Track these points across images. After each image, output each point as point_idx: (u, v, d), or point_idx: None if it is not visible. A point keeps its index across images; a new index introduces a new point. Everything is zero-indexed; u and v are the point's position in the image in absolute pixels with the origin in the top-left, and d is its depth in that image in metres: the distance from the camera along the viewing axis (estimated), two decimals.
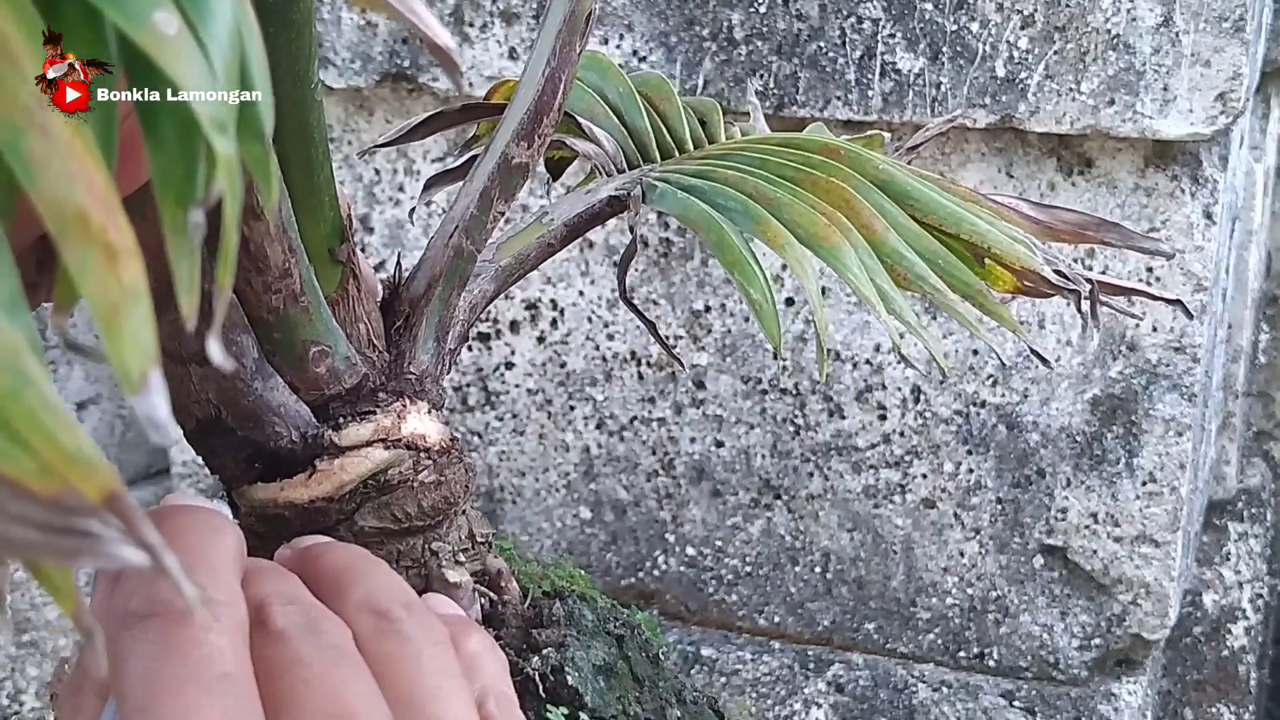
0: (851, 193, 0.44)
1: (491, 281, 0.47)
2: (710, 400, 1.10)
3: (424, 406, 0.42)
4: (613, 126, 0.51)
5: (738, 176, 0.46)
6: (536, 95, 0.43)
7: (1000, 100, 0.98)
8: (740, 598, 1.14)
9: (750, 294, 0.42)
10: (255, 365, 0.39)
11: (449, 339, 0.44)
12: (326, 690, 0.33)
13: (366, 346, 0.42)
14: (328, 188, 0.41)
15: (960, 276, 0.44)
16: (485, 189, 0.44)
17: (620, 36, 1.03)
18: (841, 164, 0.46)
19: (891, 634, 1.11)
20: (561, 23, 0.43)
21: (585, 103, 0.52)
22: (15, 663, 1.26)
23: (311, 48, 0.39)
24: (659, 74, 0.54)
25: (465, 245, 0.43)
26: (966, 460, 1.07)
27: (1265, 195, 1.23)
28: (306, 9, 0.38)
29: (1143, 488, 1.04)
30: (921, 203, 0.46)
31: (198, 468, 1.23)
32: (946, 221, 0.45)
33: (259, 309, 0.39)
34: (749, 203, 0.44)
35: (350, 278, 0.41)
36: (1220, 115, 0.95)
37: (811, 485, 1.10)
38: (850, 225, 0.44)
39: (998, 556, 1.08)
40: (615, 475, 1.13)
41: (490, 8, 1.05)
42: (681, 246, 1.08)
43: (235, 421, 0.39)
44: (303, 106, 0.39)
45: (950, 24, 0.98)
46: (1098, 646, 1.08)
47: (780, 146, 0.47)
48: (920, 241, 0.44)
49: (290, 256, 0.39)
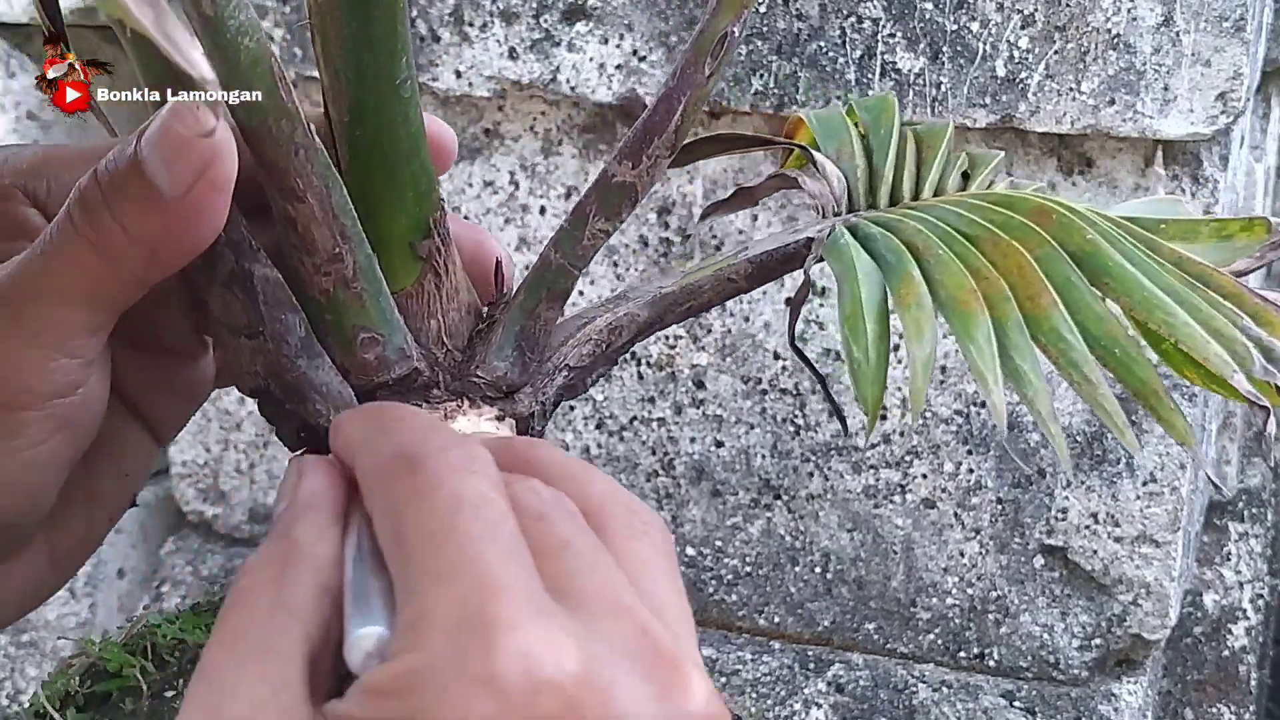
0: (1027, 260, 0.42)
1: (647, 308, 0.45)
2: (710, 400, 1.10)
3: (489, 413, 0.42)
4: (851, 168, 0.49)
5: (916, 229, 0.44)
6: (648, 115, 0.42)
7: (1000, 100, 0.98)
8: (740, 598, 1.13)
9: (852, 353, 0.40)
10: (300, 343, 0.40)
11: (545, 352, 0.43)
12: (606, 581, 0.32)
13: (434, 343, 0.42)
14: (413, 184, 0.41)
15: (1135, 372, 0.41)
16: (581, 204, 0.43)
17: (620, 36, 1.03)
18: (1046, 229, 0.43)
19: (892, 634, 1.11)
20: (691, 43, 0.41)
21: (839, 140, 0.50)
22: (15, 663, 1.26)
23: (396, 44, 0.39)
24: (945, 122, 0.52)
25: (553, 258, 0.43)
26: (967, 460, 1.07)
27: (1266, 195, 1.23)
28: (389, 4, 0.38)
29: (1143, 488, 1.04)
30: (1118, 282, 0.42)
31: (198, 468, 1.23)
32: (1138, 307, 0.42)
33: (310, 289, 0.40)
34: (904, 256, 0.43)
35: (430, 273, 0.42)
36: (1221, 115, 0.95)
37: (811, 485, 1.10)
38: (1010, 295, 0.41)
39: (998, 556, 1.08)
40: (615, 475, 1.13)
41: (490, 7, 1.05)
42: (682, 246, 1.08)
43: (282, 395, 0.40)
44: (385, 101, 0.40)
45: (950, 24, 0.98)
46: (1098, 646, 1.08)
47: (990, 204, 0.45)
48: (1100, 325, 0.41)
49: (342, 243, 0.40)
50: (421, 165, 0.41)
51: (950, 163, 0.50)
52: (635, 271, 1.09)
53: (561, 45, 1.04)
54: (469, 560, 0.30)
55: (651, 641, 0.31)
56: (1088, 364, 0.41)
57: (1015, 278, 0.42)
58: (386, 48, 0.38)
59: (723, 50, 0.41)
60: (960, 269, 0.42)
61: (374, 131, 0.40)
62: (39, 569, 0.42)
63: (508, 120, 1.09)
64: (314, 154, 0.38)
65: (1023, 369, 0.40)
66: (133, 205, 0.36)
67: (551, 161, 1.09)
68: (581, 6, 1.04)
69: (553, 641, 0.29)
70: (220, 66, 0.36)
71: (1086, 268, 0.42)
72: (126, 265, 0.37)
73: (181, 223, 0.37)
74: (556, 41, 1.04)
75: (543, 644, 0.29)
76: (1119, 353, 0.41)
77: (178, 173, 0.36)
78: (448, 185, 1.12)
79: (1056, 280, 0.42)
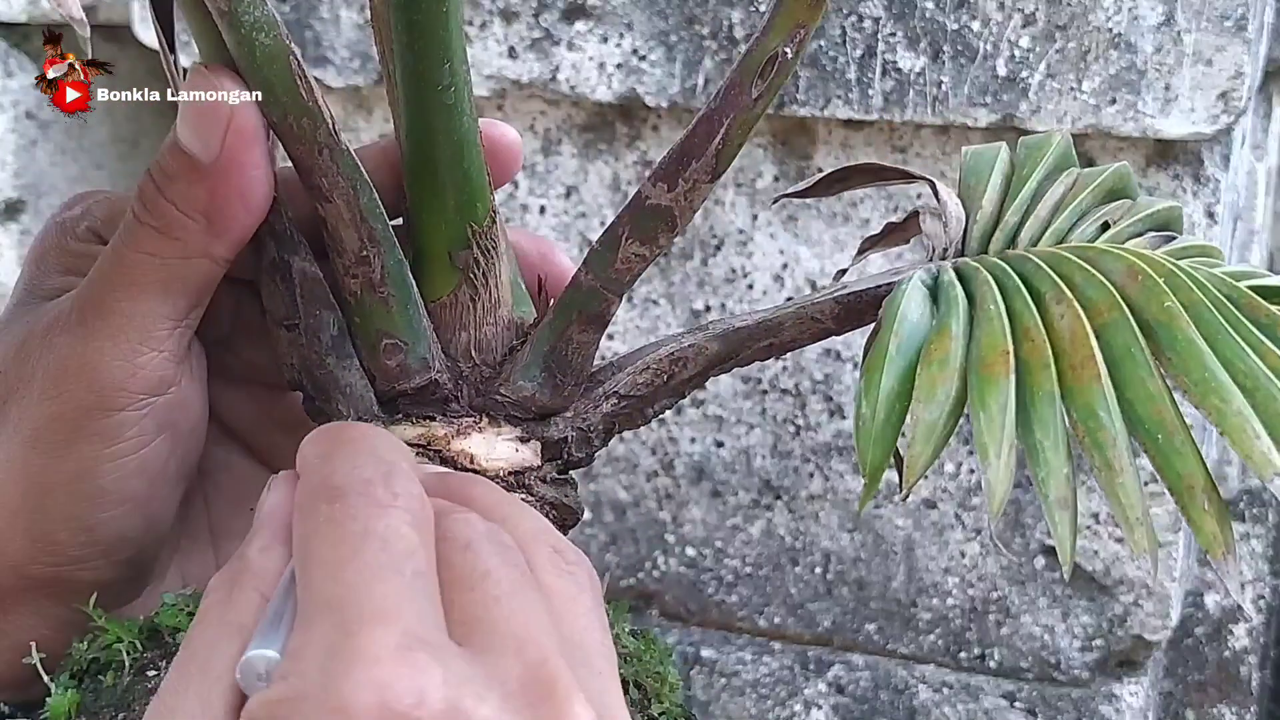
0: (1082, 325, 0.38)
1: (717, 341, 0.43)
2: (710, 400, 1.10)
3: (510, 432, 0.41)
4: (976, 208, 0.45)
5: (985, 278, 0.40)
6: (686, 137, 0.40)
7: (1001, 99, 0.97)
8: (740, 598, 1.13)
9: (860, 406, 0.38)
10: (332, 341, 0.40)
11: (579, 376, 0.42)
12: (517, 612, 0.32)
13: (462, 356, 0.42)
14: (455, 193, 0.40)
15: (1175, 464, 0.37)
16: (614, 225, 0.41)
17: (620, 35, 1.03)
18: (1128, 291, 0.39)
19: (892, 635, 1.11)
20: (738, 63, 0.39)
21: (977, 177, 0.46)
22: None
23: (439, 50, 0.39)
24: (1125, 166, 0.48)
25: (584, 279, 0.41)
26: (967, 461, 1.06)
27: (1268, 195, 1.23)
28: (432, 11, 0.38)
29: (1145, 488, 1.04)
30: (1180, 358, 0.38)
31: None
32: (1194, 389, 0.38)
33: (341, 290, 0.40)
34: (954, 308, 0.39)
35: (465, 284, 0.41)
36: (1222, 114, 0.94)
37: (812, 486, 1.09)
38: (1051, 362, 0.38)
39: (999, 557, 1.08)
40: (615, 475, 1.13)
41: (490, 6, 1.05)
42: (681, 246, 1.08)
43: (312, 391, 0.41)
44: (427, 107, 0.39)
45: (951, 23, 0.98)
46: (1099, 647, 1.08)
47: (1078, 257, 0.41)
48: (1148, 406, 0.37)
49: (370, 246, 0.39)
50: (465, 174, 0.40)
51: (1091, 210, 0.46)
52: None
53: (561, 44, 1.04)
54: (358, 592, 0.30)
55: (547, 674, 0.31)
56: (1114, 448, 0.37)
57: (1065, 344, 0.38)
58: (430, 53, 0.38)
59: (773, 72, 0.38)
60: (1003, 328, 0.38)
61: (418, 137, 0.40)
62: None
63: (507, 120, 1.09)
64: (339, 154, 0.38)
65: (1041, 445, 0.37)
66: (180, 181, 0.39)
67: (551, 161, 1.09)
68: (581, 5, 1.03)
69: (417, 675, 0.29)
70: (240, 60, 0.36)
71: (1153, 340, 0.39)
72: (188, 239, 0.39)
73: (225, 184, 0.38)
74: (556, 40, 1.04)
75: (404, 678, 0.29)
76: (1162, 439, 0.38)
77: (206, 135, 0.38)
78: None
79: (1115, 351, 0.38)
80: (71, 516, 0.39)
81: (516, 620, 0.31)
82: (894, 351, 0.38)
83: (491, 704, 0.30)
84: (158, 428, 0.40)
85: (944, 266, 0.42)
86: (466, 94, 0.39)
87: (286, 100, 0.37)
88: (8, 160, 1.27)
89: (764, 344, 0.43)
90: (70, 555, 0.40)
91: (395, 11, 0.38)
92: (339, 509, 0.32)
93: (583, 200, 1.09)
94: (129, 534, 0.40)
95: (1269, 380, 0.38)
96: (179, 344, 0.40)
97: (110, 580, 0.41)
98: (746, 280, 1.07)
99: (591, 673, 0.32)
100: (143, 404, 0.39)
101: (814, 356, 1.07)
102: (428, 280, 0.41)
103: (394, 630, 0.30)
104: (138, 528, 0.40)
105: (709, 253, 1.08)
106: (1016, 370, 0.38)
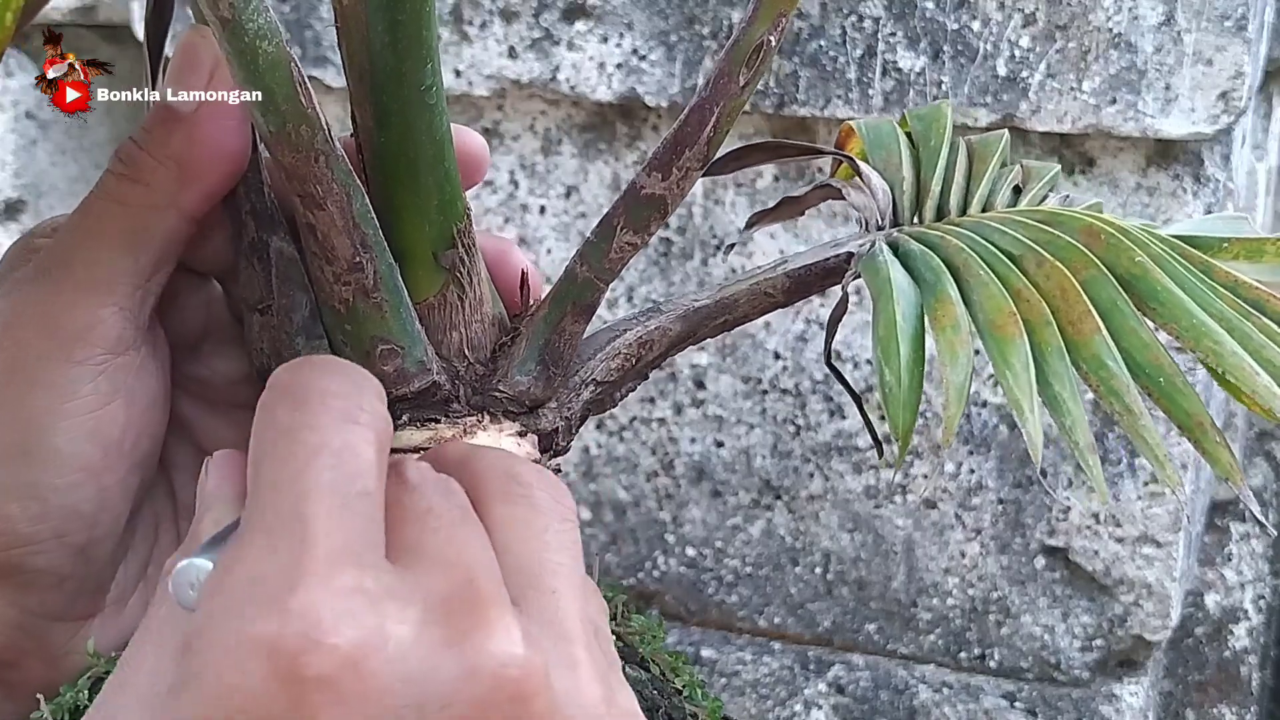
0: (1072, 282, 0.40)
1: (680, 321, 0.45)
2: (710, 400, 1.10)
3: (511, 428, 0.42)
4: (898, 179, 0.47)
5: (958, 247, 0.42)
6: (679, 126, 0.41)
7: (1002, 99, 0.97)
8: (740, 598, 1.13)
9: (884, 375, 0.39)
10: (303, 322, 0.40)
11: (570, 366, 0.43)
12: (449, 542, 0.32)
13: (456, 356, 0.42)
14: (438, 191, 0.41)
15: (1180, 403, 0.39)
16: (609, 216, 0.42)
17: (620, 35, 1.03)
18: (1094, 249, 0.41)
19: (892, 635, 1.11)
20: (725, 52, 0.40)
21: (887, 150, 0.48)
22: None
23: (423, 50, 0.39)
24: (1001, 134, 0.50)
25: (579, 270, 0.42)
26: (968, 460, 1.06)
27: (1268, 194, 1.23)
28: (415, 11, 0.38)
29: (1144, 488, 1.04)
30: (1166, 307, 0.40)
31: None
32: (1186, 334, 0.40)
33: (330, 298, 0.40)
34: (943, 275, 0.41)
35: (452, 284, 0.41)
36: (1223, 114, 0.94)
37: (812, 485, 1.09)
38: (1051, 319, 0.40)
39: (999, 557, 1.08)
40: (615, 475, 1.13)
41: (490, 6, 1.04)
42: (681, 246, 1.08)
43: None
44: (410, 107, 0.39)
45: (951, 23, 0.98)
46: (1099, 647, 1.08)
47: (1038, 221, 0.43)
48: (1145, 353, 0.40)
49: (363, 252, 0.39)
50: (446, 174, 0.40)
51: (1003, 176, 0.49)
52: (636, 271, 1.09)
53: (561, 44, 1.04)
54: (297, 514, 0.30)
55: (473, 590, 0.30)
56: (1129, 392, 0.39)
57: (1058, 301, 0.40)
58: (413, 53, 0.38)
59: (759, 59, 0.40)
60: (1000, 290, 0.40)
61: (398, 138, 0.39)
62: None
63: (507, 119, 1.09)
64: (334, 160, 0.38)
65: (1061, 396, 0.39)
66: (159, 130, 0.39)
67: (551, 161, 1.09)
68: (581, 5, 1.03)
69: (334, 602, 0.29)
70: (239, 70, 0.36)
71: (1133, 292, 0.41)
72: (156, 184, 0.39)
73: (199, 130, 0.39)
74: (556, 40, 1.04)
75: (321, 606, 0.29)
76: (1163, 382, 0.39)
77: (191, 84, 0.39)
78: None
79: (1101, 305, 0.40)
80: (23, 483, 0.39)
81: (450, 547, 0.32)
82: (901, 320, 0.40)
83: (411, 620, 0.30)
84: (113, 389, 0.39)
85: (901, 237, 0.44)
86: (443, 94, 0.40)
87: (287, 108, 0.37)
88: (8, 160, 1.27)
89: (720, 320, 0.45)
90: (21, 533, 0.39)
91: (376, 12, 0.37)
92: (299, 417, 0.32)
93: (583, 200, 1.09)
94: (82, 508, 0.39)
95: (1241, 321, 0.41)
96: (141, 306, 0.40)
97: (63, 573, 0.40)
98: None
99: (540, 592, 0.32)
100: (100, 359, 0.39)
101: (814, 356, 1.07)
102: (413, 282, 0.41)
103: (321, 556, 0.29)
104: (90, 502, 0.40)
105: (709, 253, 1.08)
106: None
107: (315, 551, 0.29)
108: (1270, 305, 0.42)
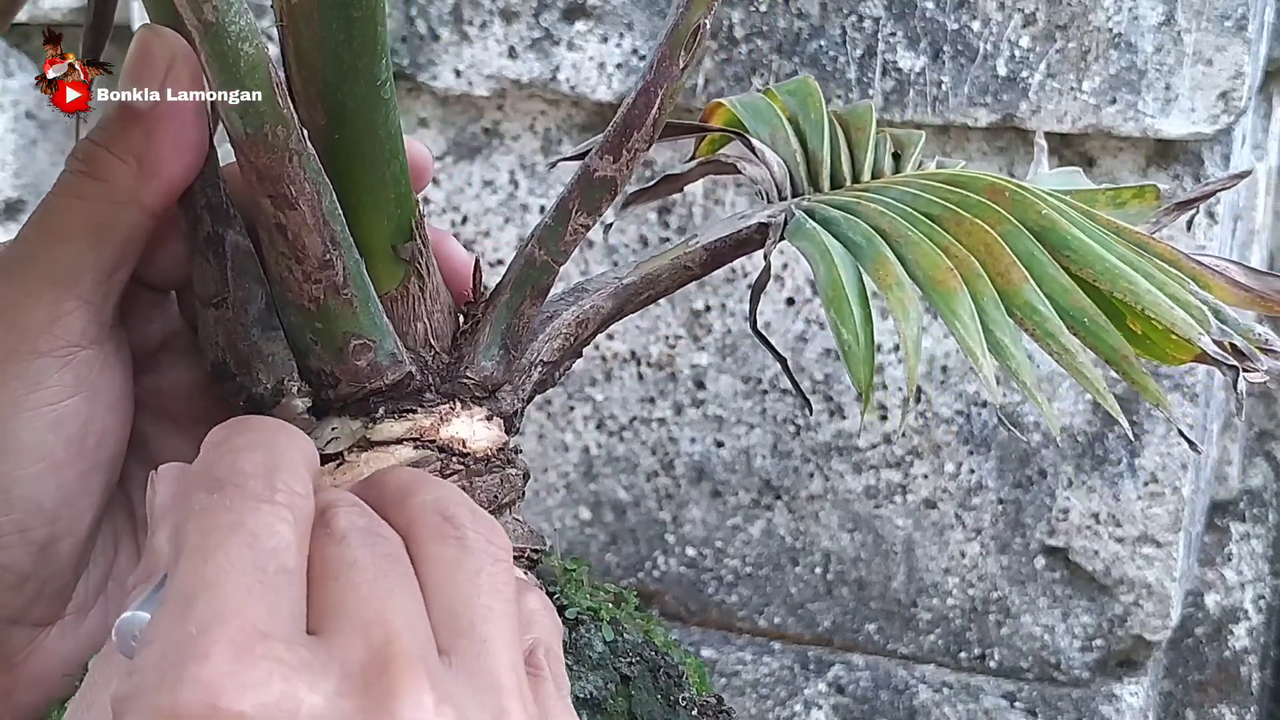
0: (994, 237, 0.42)
1: (610, 299, 0.46)
2: (710, 400, 1.10)
3: (480, 413, 0.42)
4: (789, 152, 0.50)
5: (878, 211, 0.44)
6: (628, 109, 0.42)
7: (1002, 99, 0.97)
8: (740, 598, 1.13)
9: (841, 334, 0.41)
10: (259, 314, 0.41)
11: (525, 349, 0.44)
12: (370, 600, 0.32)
13: (422, 346, 0.42)
14: (394, 185, 0.41)
15: (1106, 340, 0.42)
16: (564, 199, 0.43)
17: (620, 35, 1.03)
18: (1002, 206, 0.44)
19: (892, 635, 1.11)
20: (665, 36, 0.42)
21: (770, 125, 0.51)
22: None
23: (377, 45, 0.39)
24: (868, 104, 0.53)
25: (538, 254, 0.43)
26: (968, 461, 1.06)
27: (1268, 194, 1.23)
28: (370, 5, 0.38)
29: (1144, 488, 1.04)
30: (1079, 254, 0.43)
31: None
32: (1102, 278, 0.43)
33: (300, 298, 0.40)
34: (874, 238, 0.43)
35: (413, 276, 0.42)
36: (1223, 114, 0.94)
37: (812, 485, 1.09)
38: (982, 272, 0.42)
39: (999, 557, 1.08)
40: (615, 475, 1.13)
41: (490, 6, 1.04)
42: None
43: (235, 366, 0.41)
44: (367, 103, 0.40)
45: (951, 23, 0.98)
46: (1099, 647, 1.08)
47: (943, 184, 0.45)
48: (1067, 297, 0.42)
49: (332, 249, 0.40)
50: (402, 168, 0.41)
51: (880, 144, 0.51)
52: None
53: (561, 44, 1.04)
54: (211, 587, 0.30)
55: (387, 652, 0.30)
56: (1063, 334, 0.41)
57: (984, 255, 0.42)
58: (368, 49, 0.38)
59: (695, 43, 0.41)
60: (933, 248, 0.42)
61: (355, 134, 0.40)
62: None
63: (507, 119, 1.09)
64: (306, 159, 0.38)
65: (1004, 342, 0.41)
66: (117, 127, 0.40)
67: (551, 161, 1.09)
68: (581, 5, 1.03)
69: (247, 673, 0.29)
70: (220, 72, 0.36)
71: (1046, 242, 0.43)
72: (116, 180, 0.40)
73: (158, 127, 0.39)
74: (556, 40, 1.04)
75: (234, 675, 0.29)
76: (1088, 322, 0.42)
77: (147, 81, 0.39)
78: (447, 184, 1.11)
79: (1021, 255, 0.42)
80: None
81: (371, 604, 0.31)
82: (847, 282, 0.42)
83: (325, 690, 0.29)
84: (76, 382, 0.40)
85: (812, 205, 0.46)
86: (394, 88, 0.40)
87: (265, 109, 0.37)
88: (8, 160, 1.27)
89: (645, 295, 0.47)
90: None
91: (328, 10, 0.38)
92: (216, 499, 0.32)
93: None
94: (44, 502, 0.40)
95: (1141, 262, 0.43)
96: (104, 302, 0.40)
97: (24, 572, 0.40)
98: (746, 280, 1.07)
99: (471, 641, 0.32)
100: (64, 351, 0.40)
101: (814, 356, 1.07)
102: (375, 276, 0.41)
103: (233, 628, 0.29)
104: (52, 497, 0.40)
105: None
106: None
107: (229, 624, 0.30)
108: (1153, 247, 0.45)
